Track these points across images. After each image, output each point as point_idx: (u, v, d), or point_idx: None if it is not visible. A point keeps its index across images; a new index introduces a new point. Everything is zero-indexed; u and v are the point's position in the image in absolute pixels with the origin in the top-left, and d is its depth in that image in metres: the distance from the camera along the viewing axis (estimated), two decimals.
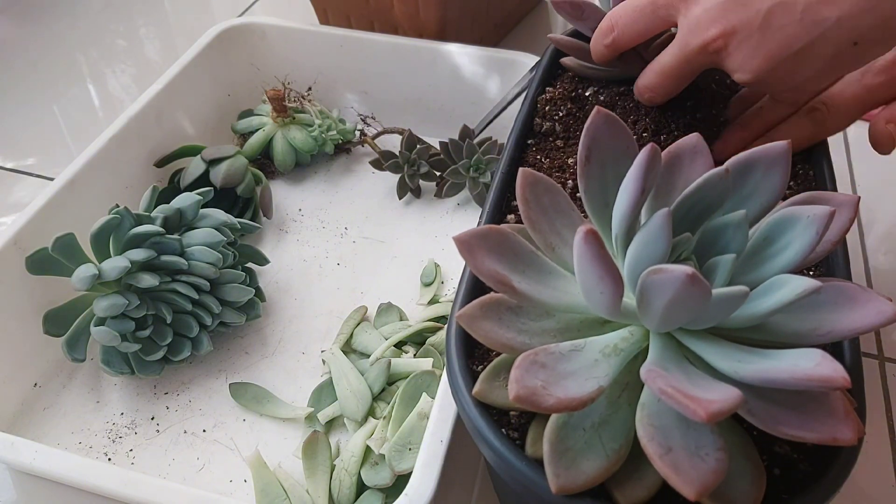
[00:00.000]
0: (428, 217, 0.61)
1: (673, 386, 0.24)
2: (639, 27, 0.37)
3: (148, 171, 0.59)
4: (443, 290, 0.54)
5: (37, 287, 0.48)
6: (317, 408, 0.46)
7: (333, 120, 0.64)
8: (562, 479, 0.26)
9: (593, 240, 0.25)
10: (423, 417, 0.41)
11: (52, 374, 0.49)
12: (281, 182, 0.64)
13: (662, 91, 0.39)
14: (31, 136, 0.70)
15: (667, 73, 0.38)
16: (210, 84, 0.64)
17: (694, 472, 0.24)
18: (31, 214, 0.48)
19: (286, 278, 0.56)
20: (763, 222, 0.29)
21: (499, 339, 0.29)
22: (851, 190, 0.63)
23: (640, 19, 0.37)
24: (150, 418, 0.47)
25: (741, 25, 0.34)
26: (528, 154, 0.43)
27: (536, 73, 0.48)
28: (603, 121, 0.31)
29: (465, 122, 0.60)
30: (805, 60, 0.34)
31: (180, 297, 0.46)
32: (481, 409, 0.30)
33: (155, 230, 0.45)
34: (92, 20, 0.87)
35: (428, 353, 0.48)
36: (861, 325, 0.26)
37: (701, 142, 0.32)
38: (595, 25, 0.42)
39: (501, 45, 0.78)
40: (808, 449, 0.29)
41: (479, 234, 0.30)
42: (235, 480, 0.44)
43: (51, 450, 0.38)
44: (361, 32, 0.66)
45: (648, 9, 0.37)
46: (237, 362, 0.50)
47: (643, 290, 0.25)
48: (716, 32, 0.35)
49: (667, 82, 0.38)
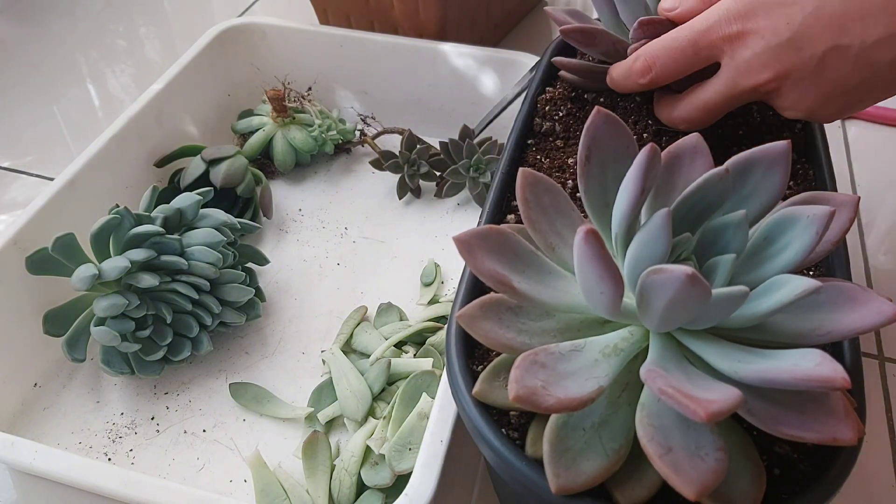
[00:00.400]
0: (428, 217, 0.61)
1: (673, 386, 0.24)
2: (679, 67, 0.37)
3: (148, 171, 0.59)
4: (443, 290, 0.54)
5: (37, 287, 0.48)
6: (317, 408, 0.46)
7: (333, 120, 0.64)
8: (562, 479, 0.26)
9: (593, 240, 0.25)
10: (423, 417, 0.41)
11: (52, 374, 0.49)
12: (281, 182, 0.64)
13: (701, 124, 0.39)
14: (31, 136, 0.70)
15: (710, 108, 0.38)
16: (210, 84, 0.64)
17: (694, 472, 0.24)
18: (31, 214, 0.48)
19: (286, 278, 0.56)
20: (763, 222, 0.29)
21: (499, 339, 0.29)
22: (851, 190, 0.63)
23: (681, 60, 0.37)
24: (150, 418, 0.47)
25: (795, 69, 0.34)
26: (528, 154, 0.43)
27: (536, 73, 0.48)
28: (603, 121, 0.31)
29: (465, 122, 0.60)
30: (856, 95, 0.35)
31: (180, 297, 0.46)
32: (481, 409, 0.30)
33: (155, 230, 0.45)
34: (92, 20, 0.87)
35: (428, 353, 0.48)
36: (861, 325, 0.26)
37: (701, 142, 0.32)
38: (605, 50, 0.42)
39: (501, 45, 0.78)
40: (808, 449, 0.29)
41: (479, 234, 0.30)
42: (235, 480, 0.44)
43: (51, 450, 0.38)
44: (361, 32, 0.66)
45: (690, 50, 0.36)
46: (237, 362, 0.50)
47: (643, 290, 0.25)
48: (769, 76, 0.35)
49: (708, 116, 0.39)
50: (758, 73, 0.35)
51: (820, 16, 0.33)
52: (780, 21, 0.34)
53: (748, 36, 0.35)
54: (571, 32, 0.41)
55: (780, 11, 0.34)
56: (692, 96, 0.38)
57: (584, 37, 0.42)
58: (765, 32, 0.34)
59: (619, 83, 0.41)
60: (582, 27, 0.41)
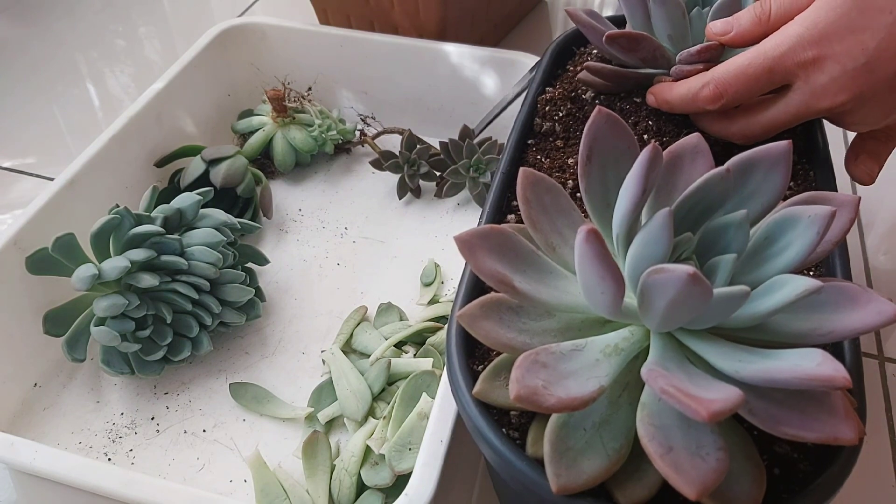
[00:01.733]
0: (428, 217, 0.61)
1: (674, 385, 0.24)
2: (752, 93, 0.38)
3: (148, 171, 0.59)
4: (443, 290, 0.54)
5: (37, 287, 0.48)
6: (317, 408, 0.46)
7: (333, 120, 0.64)
8: (562, 479, 0.26)
9: (594, 239, 0.25)
10: (423, 417, 0.41)
11: (52, 374, 0.49)
12: (281, 182, 0.64)
13: (758, 139, 0.39)
14: (31, 136, 0.70)
15: (777, 126, 0.39)
16: (210, 84, 0.64)
17: (694, 471, 0.24)
18: (31, 214, 0.48)
19: (286, 278, 0.56)
20: (764, 222, 0.29)
21: (499, 338, 0.29)
22: (851, 190, 0.63)
23: (755, 87, 0.37)
24: (150, 418, 0.47)
25: (869, 90, 0.36)
26: (529, 154, 0.43)
27: (536, 73, 0.48)
28: (604, 121, 0.31)
29: (465, 122, 0.60)
30: None
31: (180, 297, 0.46)
32: (482, 408, 0.30)
33: (155, 230, 0.45)
34: (92, 20, 0.87)
35: (428, 353, 0.48)
36: (861, 325, 0.26)
37: (702, 142, 0.32)
38: (645, 56, 0.41)
39: (501, 45, 0.78)
40: (809, 449, 0.29)
41: (479, 233, 0.30)
42: (235, 480, 0.44)
43: (51, 450, 0.38)
44: (361, 32, 0.66)
45: (765, 78, 0.37)
46: (237, 362, 0.50)
47: (644, 289, 0.25)
48: (845, 98, 0.36)
49: (770, 133, 0.39)
50: (834, 95, 0.36)
51: (892, 39, 0.34)
52: (856, 46, 0.35)
53: (824, 61, 0.36)
54: (617, 38, 0.41)
55: (854, 38, 0.35)
56: (758, 114, 0.39)
57: (630, 42, 0.41)
58: (840, 58, 0.35)
59: (675, 105, 0.41)
60: (629, 33, 0.41)
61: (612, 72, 0.43)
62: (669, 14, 0.40)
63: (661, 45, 0.41)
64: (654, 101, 0.42)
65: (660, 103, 0.41)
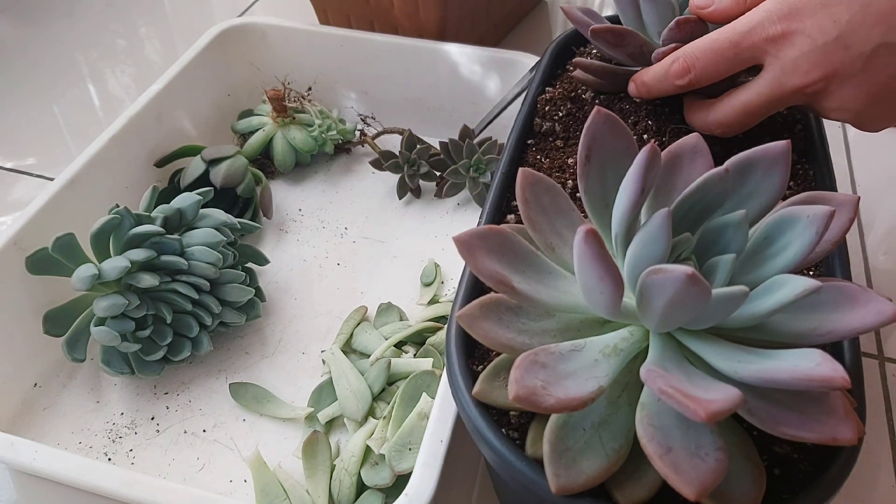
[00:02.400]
0: (428, 217, 0.61)
1: (673, 386, 0.24)
2: (720, 69, 0.37)
3: (148, 171, 0.59)
4: (443, 290, 0.54)
5: (37, 287, 0.48)
6: (317, 408, 0.46)
7: (333, 120, 0.64)
8: (562, 479, 0.26)
9: (593, 240, 0.25)
10: (423, 417, 0.41)
11: (52, 374, 0.49)
12: (281, 182, 0.64)
13: (740, 128, 0.38)
14: (31, 136, 0.70)
15: (750, 111, 0.37)
16: (210, 84, 0.64)
17: (694, 472, 0.24)
18: (31, 214, 0.48)
19: (286, 278, 0.56)
20: (763, 222, 0.29)
21: (499, 339, 0.29)
22: (851, 190, 0.63)
23: (721, 62, 0.36)
24: (150, 418, 0.47)
25: (843, 67, 0.34)
26: (528, 154, 0.43)
27: (536, 73, 0.48)
28: (603, 121, 0.31)
29: (465, 122, 0.60)
30: None
31: (180, 297, 0.46)
32: (481, 409, 0.30)
33: (155, 230, 0.45)
34: (92, 20, 0.87)
35: (428, 353, 0.48)
36: (861, 325, 0.26)
37: (701, 142, 0.32)
38: (632, 52, 0.41)
39: (501, 45, 0.78)
40: (808, 449, 0.29)
41: (479, 234, 0.30)
42: (235, 480, 0.44)
43: (51, 450, 0.38)
44: (361, 32, 0.66)
45: (730, 52, 0.36)
46: (237, 362, 0.50)
47: (643, 289, 0.25)
48: (817, 75, 0.34)
49: (747, 120, 0.38)
50: (805, 72, 0.34)
51: (867, 13, 0.33)
52: (827, 20, 0.33)
53: (794, 36, 0.34)
54: (602, 32, 0.40)
55: (826, 11, 0.33)
56: (731, 99, 0.38)
57: (615, 37, 0.41)
58: (811, 32, 0.34)
59: (651, 86, 0.40)
60: (613, 28, 0.40)
61: (601, 67, 0.43)
62: (659, 11, 0.40)
63: (648, 41, 0.41)
64: (635, 88, 0.41)
65: (638, 87, 0.41)
